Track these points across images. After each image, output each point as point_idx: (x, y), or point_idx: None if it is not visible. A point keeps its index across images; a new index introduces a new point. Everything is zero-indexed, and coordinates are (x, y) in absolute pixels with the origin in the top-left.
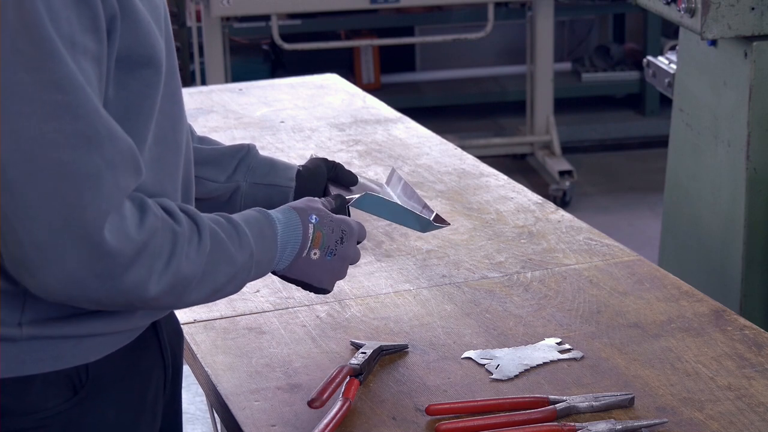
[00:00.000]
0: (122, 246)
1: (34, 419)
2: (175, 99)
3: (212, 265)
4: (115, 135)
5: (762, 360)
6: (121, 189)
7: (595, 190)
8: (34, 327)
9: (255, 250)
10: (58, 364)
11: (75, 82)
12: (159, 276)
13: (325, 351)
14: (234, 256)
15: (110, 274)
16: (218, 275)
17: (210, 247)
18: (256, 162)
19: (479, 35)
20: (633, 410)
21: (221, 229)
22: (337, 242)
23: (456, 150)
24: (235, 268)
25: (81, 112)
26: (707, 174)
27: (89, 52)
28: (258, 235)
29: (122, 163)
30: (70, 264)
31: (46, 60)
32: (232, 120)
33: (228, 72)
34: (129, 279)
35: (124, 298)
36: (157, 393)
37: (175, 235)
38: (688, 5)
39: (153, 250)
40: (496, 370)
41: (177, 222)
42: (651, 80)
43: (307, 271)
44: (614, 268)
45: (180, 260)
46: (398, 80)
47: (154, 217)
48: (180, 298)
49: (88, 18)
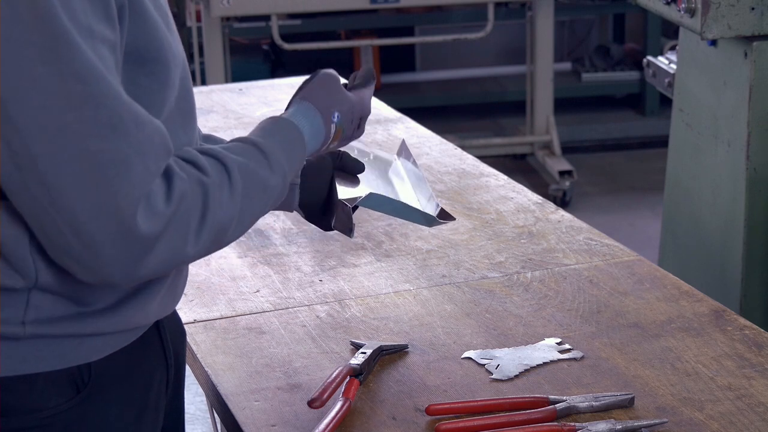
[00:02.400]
0: (153, 225)
1: (37, 418)
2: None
3: (247, 200)
4: (141, 120)
5: (762, 360)
6: (151, 173)
7: (595, 190)
8: (37, 326)
9: (287, 170)
10: (61, 362)
11: (94, 71)
12: (196, 234)
13: (325, 351)
14: (267, 182)
15: (145, 252)
16: (254, 207)
17: (242, 185)
18: None
19: (479, 35)
20: (633, 410)
21: (250, 159)
22: (354, 129)
23: (456, 150)
24: (269, 193)
25: (103, 100)
26: (707, 174)
27: (107, 40)
28: (288, 151)
29: (151, 147)
30: (107, 251)
31: (62, 51)
32: (232, 120)
33: (228, 72)
34: (165, 246)
35: (164, 267)
36: (160, 392)
37: (205, 188)
38: (688, 5)
39: (185, 214)
40: (496, 370)
41: (203, 172)
42: (651, 80)
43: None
44: (614, 268)
45: (215, 211)
46: (398, 80)
47: (180, 181)
48: (222, 241)
49: (100, 7)
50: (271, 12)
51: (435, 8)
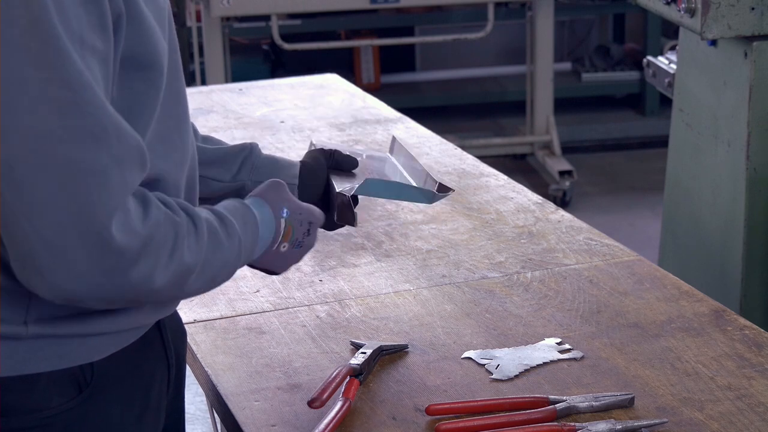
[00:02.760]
0: (129, 241)
1: (39, 417)
2: (179, 100)
3: (210, 254)
4: (123, 131)
5: (762, 360)
6: (127, 185)
7: (595, 190)
8: (39, 325)
9: (242, 238)
10: (63, 362)
11: (82, 79)
12: (164, 267)
13: (325, 351)
14: (225, 244)
15: (118, 270)
16: (215, 263)
17: (207, 236)
18: (259, 161)
19: (479, 35)
20: (633, 410)
21: (214, 219)
22: (305, 234)
23: (456, 150)
24: (228, 255)
25: (89, 109)
26: (707, 174)
27: (97, 51)
28: (242, 223)
29: (129, 159)
30: (78, 261)
31: (53, 57)
32: (232, 120)
33: (228, 72)
34: (136, 273)
35: (132, 293)
36: (161, 391)
37: (176, 226)
38: (688, 5)
39: (158, 243)
40: (496, 370)
41: (176, 214)
42: (651, 80)
43: (274, 262)
44: (614, 268)
45: (182, 250)
46: (398, 80)
47: (156, 210)
48: (182, 288)
49: (96, 16)
50: (271, 12)
51: (435, 8)
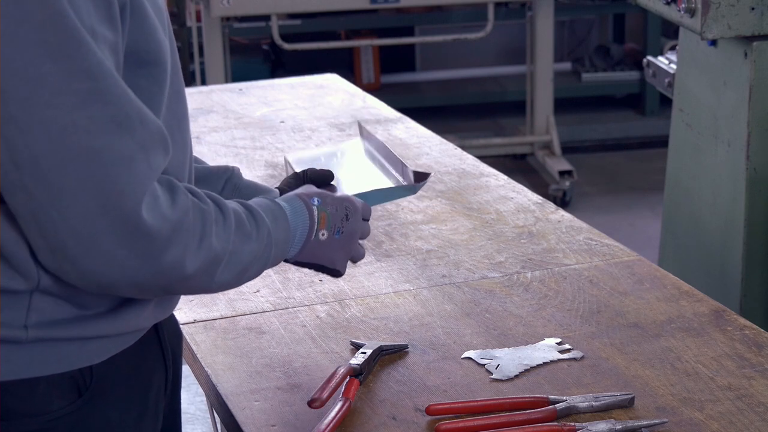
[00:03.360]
0: (160, 226)
1: (39, 421)
2: (180, 98)
3: (238, 244)
4: (146, 117)
5: (762, 360)
6: (153, 170)
7: (595, 190)
8: (39, 329)
9: (272, 230)
10: (63, 366)
11: (104, 68)
12: (194, 253)
13: (325, 351)
14: (254, 235)
15: (150, 254)
16: (243, 254)
17: (234, 225)
18: (242, 183)
19: (479, 35)
20: (633, 410)
21: (242, 211)
22: (343, 220)
23: (456, 150)
24: (256, 246)
25: (111, 98)
26: (707, 174)
27: (107, 42)
28: (271, 217)
29: (153, 144)
30: (108, 248)
31: (74, 49)
32: (232, 120)
33: (228, 72)
34: (168, 258)
35: (164, 279)
36: (159, 394)
37: (204, 214)
38: (688, 5)
39: (187, 228)
40: (496, 370)
41: (203, 202)
42: (651, 80)
43: (318, 253)
44: (614, 268)
45: (211, 237)
46: (398, 80)
47: (185, 197)
48: (213, 278)
49: (103, 8)
50: (271, 12)
51: (435, 8)
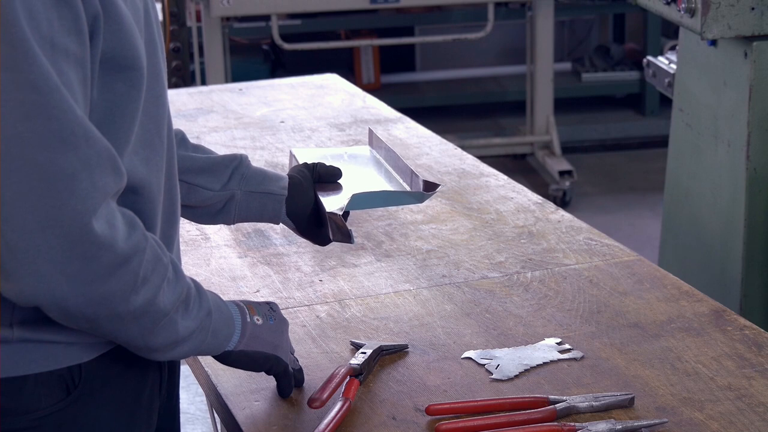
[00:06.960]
0: (105, 253)
1: (28, 419)
2: (160, 101)
3: (181, 312)
4: (91, 136)
5: (762, 360)
6: (98, 189)
7: (595, 190)
8: (24, 328)
9: (213, 310)
10: (50, 364)
11: (50, 82)
12: (136, 295)
13: (325, 351)
14: (195, 312)
15: (86, 279)
16: (182, 324)
17: (184, 296)
18: (249, 171)
19: (479, 35)
20: (633, 410)
21: (191, 286)
22: (269, 311)
23: (456, 150)
24: (195, 323)
25: (56, 112)
26: (707, 174)
27: (71, 54)
28: (214, 302)
29: (98, 163)
30: (42, 266)
31: (20, 60)
32: (232, 120)
33: (228, 72)
34: (105, 288)
35: (91, 309)
36: (153, 393)
37: (160, 264)
38: (688, 5)
39: (135, 267)
40: (496, 370)
41: (164, 254)
42: (651, 80)
43: (261, 336)
44: (614, 268)
45: (158, 290)
46: (398, 80)
47: (142, 237)
48: (144, 331)
49: (69, 19)
50: (271, 12)
51: (435, 8)
